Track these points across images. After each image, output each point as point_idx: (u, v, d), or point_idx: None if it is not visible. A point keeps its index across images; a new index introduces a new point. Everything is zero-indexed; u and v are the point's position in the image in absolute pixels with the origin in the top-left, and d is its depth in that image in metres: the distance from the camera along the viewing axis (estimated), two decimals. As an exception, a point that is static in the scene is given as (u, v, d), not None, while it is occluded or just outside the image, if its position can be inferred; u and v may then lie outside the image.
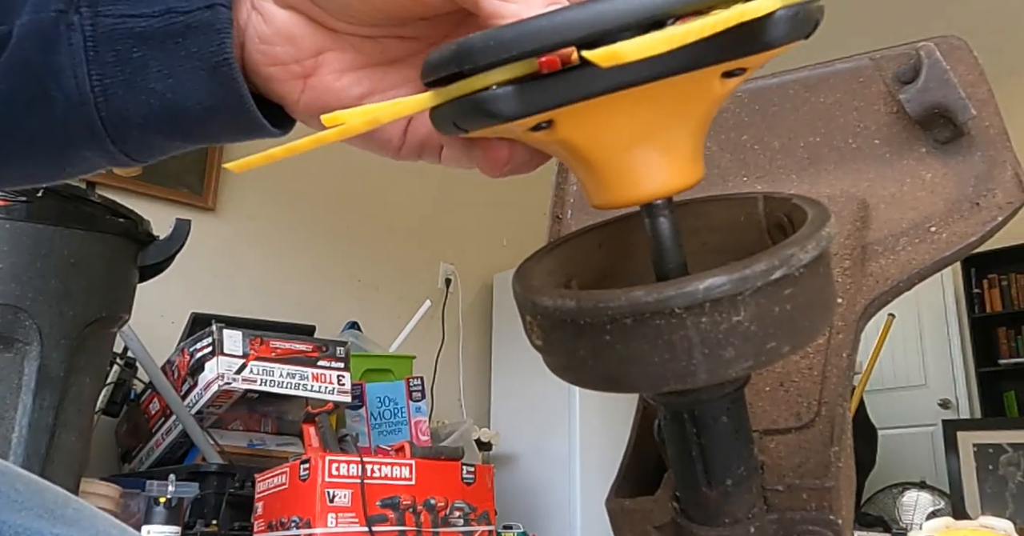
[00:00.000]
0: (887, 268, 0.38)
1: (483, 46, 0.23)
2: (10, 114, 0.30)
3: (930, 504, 3.44)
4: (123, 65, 0.28)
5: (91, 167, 0.32)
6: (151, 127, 0.30)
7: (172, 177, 2.70)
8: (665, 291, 0.22)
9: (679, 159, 0.26)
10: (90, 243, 1.36)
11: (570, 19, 0.21)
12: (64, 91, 0.29)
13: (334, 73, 0.30)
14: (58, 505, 0.35)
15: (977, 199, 0.36)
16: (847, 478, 0.44)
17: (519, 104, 0.23)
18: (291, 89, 0.30)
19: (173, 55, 0.28)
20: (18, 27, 0.28)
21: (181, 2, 0.28)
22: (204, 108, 0.29)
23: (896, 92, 0.37)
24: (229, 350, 1.85)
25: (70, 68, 0.28)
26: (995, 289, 4.21)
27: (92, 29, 0.28)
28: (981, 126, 0.36)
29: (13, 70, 0.29)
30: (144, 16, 0.28)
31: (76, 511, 0.36)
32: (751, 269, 0.23)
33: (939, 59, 0.35)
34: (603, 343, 0.24)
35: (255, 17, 0.29)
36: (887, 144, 0.38)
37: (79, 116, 0.29)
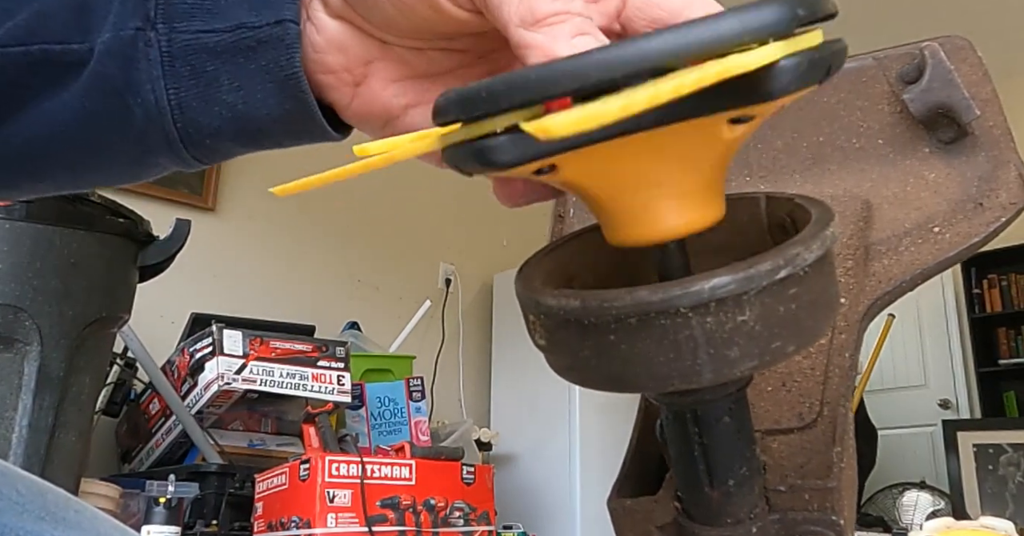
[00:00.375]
0: (890, 268, 0.38)
1: (479, 96, 0.23)
2: (93, 127, 0.31)
3: (930, 504, 3.44)
4: (197, 78, 0.30)
5: (162, 171, 0.34)
6: (223, 135, 0.31)
7: (172, 177, 2.69)
8: (670, 291, 0.22)
9: (691, 202, 0.26)
10: (90, 243, 1.36)
11: (569, 69, 0.21)
12: (143, 104, 0.30)
13: (382, 82, 0.32)
14: (59, 507, 0.35)
15: (981, 199, 0.36)
16: (849, 479, 0.44)
17: (516, 152, 0.23)
18: (342, 96, 0.32)
19: (244, 68, 0.30)
20: (99, 45, 0.30)
21: (252, 17, 0.29)
22: (273, 118, 0.31)
23: (900, 92, 0.37)
24: (229, 350, 1.85)
25: (148, 82, 0.30)
26: (995, 289, 4.21)
27: (168, 45, 0.29)
28: (985, 126, 0.36)
29: (95, 85, 0.30)
30: (217, 32, 0.29)
31: (78, 513, 0.36)
32: (756, 269, 0.23)
33: (943, 59, 0.35)
34: (608, 343, 0.24)
35: (309, 27, 0.30)
36: (891, 144, 0.38)
37: (156, 127, 0.30)
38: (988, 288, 4.23)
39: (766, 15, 0.21)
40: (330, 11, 0.30)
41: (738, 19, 0.21)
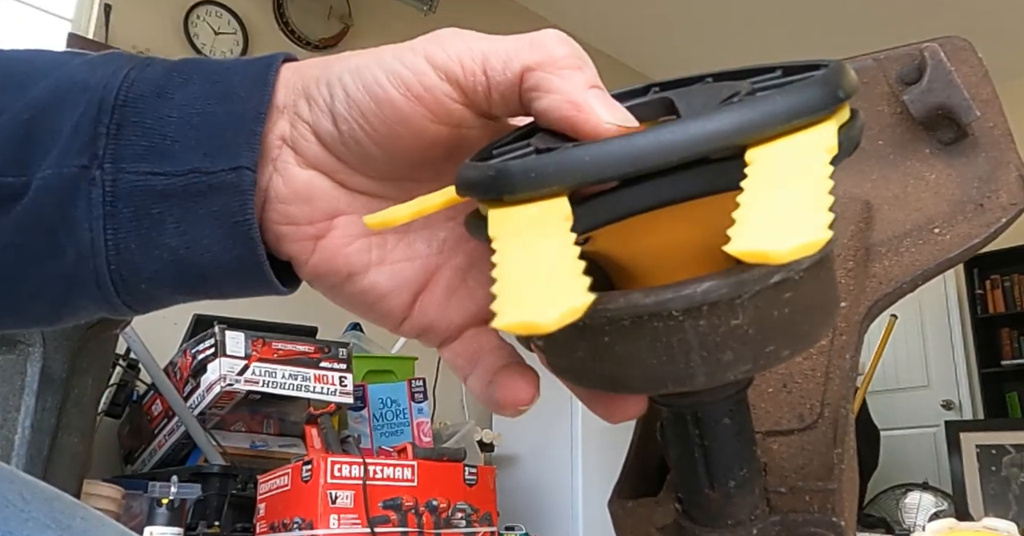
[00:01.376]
0: (891, 269, 0.38)
1: (523, 177, 0.22)
2: (17, 265, 0.29)
3: (933, 505, 3.44)
4: (140, 220, 0.28)
5: (86, 316, 0.32)
6: (161, 281, 0.29)
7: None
8: (663, 294, 0.22)
9: (707, 257, 0.26)
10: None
11: (614, 156, 0.21)
12: (76, 244, 0.28)
13: (346, 237, 0.30)
14: (65, 514, 0.35)
15: (981, 200, 0.36)
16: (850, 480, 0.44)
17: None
18: (302, 249, 0.30)
19: (192, 212, 0.28)
20: (37, 180, 0.28)
21: (206, 162, 0.28)
22: (218, 264, 0.29)
23: (900, 93, 0.37)
24: (231, 351, 1.85)
25: (86, 221, 0.28)
26: (998, 290, 4.21)
27: (112, 185, 0.28)
28: (985, 127, 0.36)
29: (26, 222, 0.29)
30: (168, 175, 0.28)
31: (84, 520, 0.35)
32: (749, 273, 0.23)
33: (943, 60, 0.35)
34: (602, 344, 0.24)
35: (276, 178, 0.29)
36: (891, 145, 0.38)
37: (87, 268, 0.29)
38: (991, 289, 4.22)
39: (818, 97, 0.22)
40: (304, 162, 0.29)
41: (787, 101, 0.22)
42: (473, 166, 0.25)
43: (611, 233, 0.24)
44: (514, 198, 0.23)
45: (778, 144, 0.22)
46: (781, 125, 0.22)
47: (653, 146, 0.21)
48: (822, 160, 0.21)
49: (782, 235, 0.19)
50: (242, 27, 2.98)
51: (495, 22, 3.83)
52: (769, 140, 0.22)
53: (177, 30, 2.84)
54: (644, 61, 4.33)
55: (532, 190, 0.22)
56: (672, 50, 4.24)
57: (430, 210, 0.27)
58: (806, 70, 0.25)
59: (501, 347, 0.31)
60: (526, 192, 0.23)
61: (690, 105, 0.26)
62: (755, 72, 0.27)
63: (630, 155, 0.21)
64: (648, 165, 0.21)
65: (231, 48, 2.96)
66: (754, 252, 0.19)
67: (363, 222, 0.28)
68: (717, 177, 0.22)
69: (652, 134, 0.21)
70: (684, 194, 0.23)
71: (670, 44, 4.21)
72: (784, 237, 0.19)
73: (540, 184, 0.22)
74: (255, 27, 3.03)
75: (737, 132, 0.21)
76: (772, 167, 0.21)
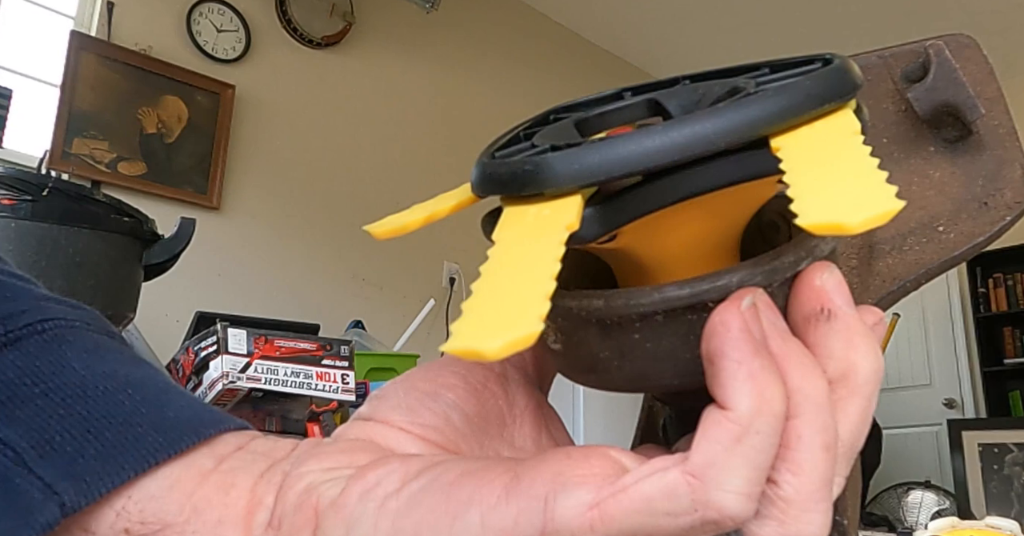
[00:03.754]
0: (894, 267, 0.37)
1: (564, 170, 0.22)
2: None
3: (935, 504, 3.44)
4: None
5: None
6: None
7: (177, 176, 2.70)
8: (699, 285, 0.22)
9: (722, 258, 0.26)
10: (95, 242, 1.36)
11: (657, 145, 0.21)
12: None
13: None
14: None
15: (986, 198, 0.36)
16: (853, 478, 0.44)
17: (597, 228, 0.23)
18: None
19: None
20: None
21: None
22: None
23: (904, 90, 0.36)
24: (233, 349, 1.85)
25: None
26: (1001, 288, 4.20)
27: None
28: (990, 125, 0.36)
29: None
30: None
31: None
32: (780, 260, 0.23)
33: (948, 57, 0.34)
34: (631, 342, 0.24)
35: None
36: (895, 143, 0.38)
37: None
38: (994, 287, 4.22)
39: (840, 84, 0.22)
40: None
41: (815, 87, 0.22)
42: (499, 163, 0.24)
43: (636, 229, 0.24)
44: (538, 195, 0.23)
45: (803, 131, 0.22)
46: (815, 109, 0.22)
47: (695, 134, 0.21)
48: (857, 140, 0.21)
49: (852, 206, 0.18)
50: (244, 25, 2.98)
51: (497, 20, 3.82)
52: (793, 128, 0.22)
53: (179, 27, 2.84)
54: (644, 58, 4.33)
55: (573, 183, 0.22)
56: (673, 47, 4.24)
57: (443, 214, 0.26)
58: (795, 66, 0.25)
59: None
60: (568, 185, 0.22)
61: (681, 105, 0.26)
62: (738, 71, 0.26)
63: (675, 144, 0.21)
64: (695, 153, 0.21)
65: (233, 45, 2.96)
66: (827, 224, 0.18)
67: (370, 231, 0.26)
68: (749, 165, 0.22)
69: (690, 124, 0.21)
70: (716, 183, 0.22)
71: (670, 41, 4.20)
72: (855, 208, 0.18)
73: (585, 176, 0.22)
74: (257, 25, 3.03)
75: (776, 117, 0.21)
76: (810, 149, 0.21)
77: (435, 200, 0.27)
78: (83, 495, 0.22)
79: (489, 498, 0.20)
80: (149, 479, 0.23)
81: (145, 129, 2.68)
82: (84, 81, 2.57)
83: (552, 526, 0.19)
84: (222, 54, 2.92)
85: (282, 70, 3.07)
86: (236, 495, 0.23)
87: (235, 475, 0.24)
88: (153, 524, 0.23)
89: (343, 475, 0.22)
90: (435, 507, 0.20)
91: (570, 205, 0.22)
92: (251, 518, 0.23)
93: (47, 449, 0.22)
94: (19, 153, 2.42)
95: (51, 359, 0.25)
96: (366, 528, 0.20)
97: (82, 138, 2.53)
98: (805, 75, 0.23)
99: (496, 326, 0.18)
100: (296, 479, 0.23)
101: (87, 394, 0.24)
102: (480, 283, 0.21)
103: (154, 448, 0.23)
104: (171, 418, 0.24)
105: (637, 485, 0.19)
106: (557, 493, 0.19)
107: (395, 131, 3.32)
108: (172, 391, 0.26)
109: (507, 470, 0.20)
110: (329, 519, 0.21)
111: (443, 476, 0.21)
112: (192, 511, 0.23)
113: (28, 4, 2.68)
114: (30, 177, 1.46)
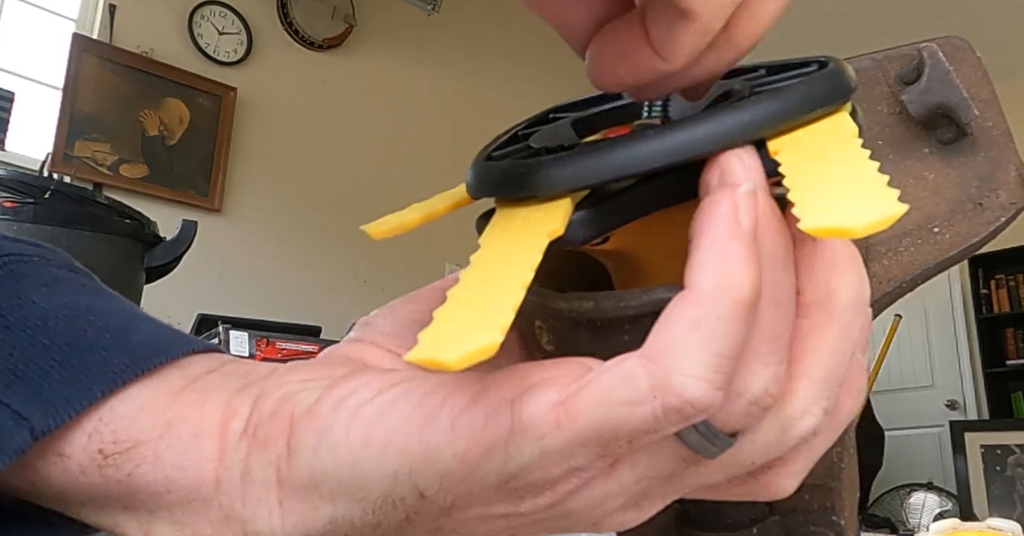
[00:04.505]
0: (890, 269, 0.38)
1: (559, 173, 0.22)
2: None
3: (937, 505, 3.43)
4: None
5: None
6: None
7: (179, 178, 2.71)
8: None
9: None
10: (97, 244, 1.37)
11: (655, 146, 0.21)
12: None
13: None
14: None
15: (980, 200, 0.36)
16: (850, 479, 0.44)
17: (588, 230, 0.23)
18: None
19: None
20: None
21: None
22: None
23: (898, 93, 0.37)
24: (235, 350, 1.86)
25: None
26: (1003, 289, 4.20)
27: None
28: (984, 127, 0.36)
29: None
30: None
31: None
32: None
33: (941, 59, 0.35)
34: (621, 343, 0.24)
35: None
36: (890, 145, 0.38)
37: None
38: (996, 288, 4.21)
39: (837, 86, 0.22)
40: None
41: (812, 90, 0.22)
42: (493, 165, 0.24)
43: (630, 231, 0.24)
44: (531, 197, 0.23)
45: (800, 134, 0.22)
46: (811, 112, 0.22)
47: (689, 139, 0.21)
48: (855, 143, 0.21)
49: (855, 211, 0.18)
50: (246, 27, 2.99)
51: (498, 21, 3.83)
52: (789, 131, 0.22)
53: (181, 30, 2.85)
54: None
55: (565, 187, 0.22)
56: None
57: (440, 213, 0.27)
58: (791, 68, 0.25)
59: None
60: (560, 189, 0.22)
61: (677, 107, 0.25)
62: (734, 73, 0.26)
63: (669, 149, 0.21)
64: (689, 157, 0.21)
65: (235, 48, 2.96)
66: (829, 228, 0.18)
67: (367, 231, 0.26)
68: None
69: (685, 129, 0.21)
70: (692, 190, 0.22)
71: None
72: (858, 212, 0.18)
73: (578, 180, 0.22)
74: (259, 27, 3.03)
75: (772, 121, 0.21)
76: (809, 152, 0.21)
77: (433, 200, 0.27)
78: (52, 418, 0.22)
79: (459, 403, 0.20)
80: (118, 400, 0.23)
81: (147, 131, 2.69)
82: (86, 84, 2.57)
83: (519, 425, 0.19)
84: (224, 56, 2.92)
85: (284, 72, 3.07)
86: (210, 409, 0.23)
87: (208, 392, 0.24)
88: (125, 442, 0.23)
89: (320, 385, 0.22)
90: (407, 414, 0.20)
91: (558, 209, 0.22)
92: (225, 428, 0.23)
93: (12, 379, 0.22)
94: (21, 156, 2.43)
95: (7, 294, 0.24)
96: (338, 435, 0.21)
97: (84, 140, 2.54)
98: (801, 78, 0.23)
99: (459, 336, 0.18)
100: (273, 389, 0.23)
101: (48, 325, 0.24)
102: (455, 290, 0.21)
103: (120, 369, 0.23)
104: (137, 341, 0.24)
105: (598, 378, 0.19)
106: (524, 394, 0.19)
107: (397, 132, 3.32)
108: (139, 318, 0.26)
109: (478, 380, 0.20)
110: (303, 426, 0.21)
111: (417, 388, 0.21)
112: (165, 426, 0.23)
113: (30, 7, 2.68)
114: (32, 180, 1.46)
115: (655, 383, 0.18)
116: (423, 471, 0.20)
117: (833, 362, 0.21)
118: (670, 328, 0.18)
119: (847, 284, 0.21)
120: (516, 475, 0.19)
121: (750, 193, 0.19)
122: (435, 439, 0.19)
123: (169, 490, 0.22)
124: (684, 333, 0.18)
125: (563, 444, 0.19)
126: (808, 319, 0.21)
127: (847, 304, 0.21)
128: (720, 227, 0.19)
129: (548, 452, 0.19)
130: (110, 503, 0.23)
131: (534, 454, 0.19)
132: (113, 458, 0.23)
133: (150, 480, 0.22)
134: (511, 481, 0.20)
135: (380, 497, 0.21)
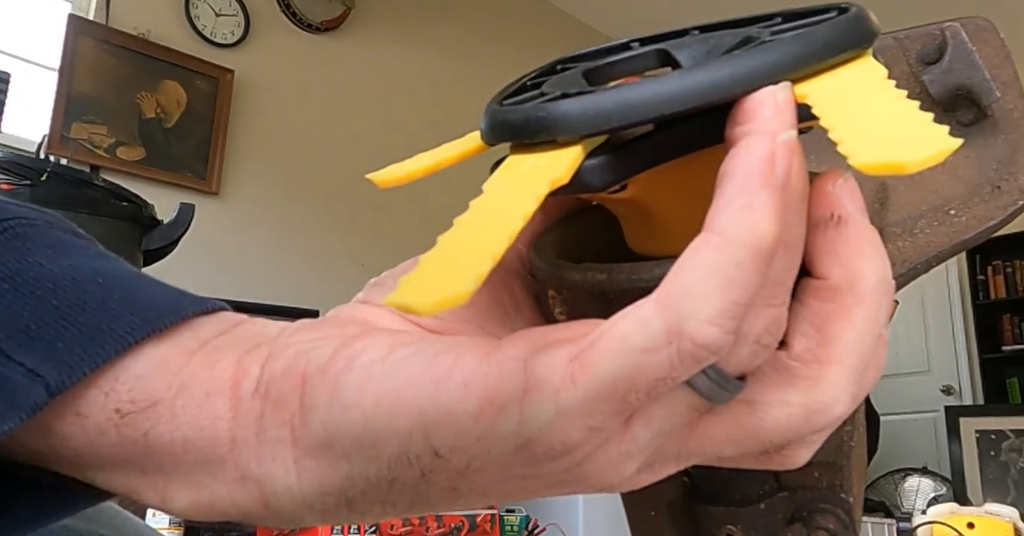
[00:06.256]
0: (905, 250, 0.37)
1: (580, 116, 0.21)
2: None
3: (932, 490, 3.46)
4: None
5: None
6: None
7: (176, 161, 2.69)
8: None
9: None
10: (94, 227, 1.36)
11: (678, 89, 0.20)
12: None
13: None
14: (99, 510, 0.35)
15: (999, 182, 0.36)
16: (859, 457, 0.44)
17: (608, 176, 0.22)
18: None
19: None
20: None
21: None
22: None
23: (919, 73, 0.36)
24: (234, 334, 1.86)
25: None
26: (999, 276, 4.21)
27: None
28: (1005, 109, 0.36)
29: None
30: None
31: (111, 517, 0.36)
32: None
33: (964, 40, 0.34)
34: None
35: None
36: (908, 126, 0.38)
37: None
38: (992, 275, 4.23)
39: (861, 30, 0.22)
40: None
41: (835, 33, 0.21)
42: (510, 109, 0.23)
43: (648, 179, 0.24)
44: (548, 143, 0.22)
45: (827, 78, 0.21)
46: (835, 56, 0.21)
47: (713, 80, 0.20)
48: (889, 84, 0.20)
49: (907, 145, 0.17)
50: (243, 9, 2.96)
51: (497, 4, 3.80)
52: (814, 76, 0.21)
53: (178, 12, 2.83)
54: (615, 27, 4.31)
55: (587, 130, 0.21)
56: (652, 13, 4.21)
57: (449, 162, 0.25)
58: (809, 15, 0.24)
59: None
60: (582, 132, 0.21)
61: (692, 56, 0.24)
62: (749, 21, 0.25)
63: (692, 90, 0.20)
64: (712, 99, 0.20)
65: (232, 30, 2.94)
66: (883, 163, 0.17)
67: (372, 179, 0.26)
68: None
69: (707, 70, 0.20)
70: (711, 139, 0.21)
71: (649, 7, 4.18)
72: (910, 147, 0.17)
73: (600, 123, 0.21)
74: (256, 9, 3.01)
75: (797, 62, 0.20)
76: (843, 94, 0.20)
77: (441, 148, 0.26)
78: (67, 375, 0.22)
79: (472, 361, 0.19)
80: (133, 359, 0.23)
81: (144, 114, 2.67)
82: (82, 65, 2.55)
83: (533, 381, 0.19)
84: (221, 38, 2.90)
85: (281, 55, 3.05)
86: (222, 368, 0.23)
87: (220, 353, 0.24)
88: (142, 401, 0.23)
89: (331, 344, 0.22)
90: (419, 373, 0.20)
91: (566, 157, 0.21)
92: (238, 387, 0.23)
93: (24, 338, 0.22)
94: (18, 138, 2.41)
95: (15, 256, 0.24)
96: (351, 393, 0.20)
97: (81, 123, 2.52)
98: (822, 23, 0.22)
99: (436, 283, 0.18)
100: (284, 348, 0.23)
101: (56, 286, 0.24)
102: (444, 236, 0.20)
103: (132, 327, 0.23)
104: (145, 301, 0.24)
105: (613, 326, 0.18)
106: (538, 352, 0.19)
107: (395, 115, 3.31)
108: (144, 279, 0.26)
109: (491, 341, 0.20)
110: (315, 384, 0.21)
111: (429, 347, 0.20)
112: (180, 386, 0.23)
113: (25, -13, 2.66)
114: (29, 162, 1.45)
115: (670, 329, 0.18)
116: (437, 429, 0.20)
117: (862, 347, 0.21)
118: (687, 273, 0.18)
119: (873, 267, 0.20)
120: (534, 438, 0.19)
121: (789, 143, 0.19)
122: (448, 397, 0.19)
123: (186, 450, 0.22)
124: (701, 279, 0.18)
125: (579, 400, 0.18)
126: (835, 303, 0.20)
127: (874, 287, 0.20)
128: (753, 175, 0.18)
129: (564, 410, 0.19)
130: (127, 466, 0.23)
131: (550, 413, 0.19)
132: (130, 417, 0.23)
133: (167, 440, 0.22)
134: (529, 446, 0.19)
135: (394, 454, 0.20)
